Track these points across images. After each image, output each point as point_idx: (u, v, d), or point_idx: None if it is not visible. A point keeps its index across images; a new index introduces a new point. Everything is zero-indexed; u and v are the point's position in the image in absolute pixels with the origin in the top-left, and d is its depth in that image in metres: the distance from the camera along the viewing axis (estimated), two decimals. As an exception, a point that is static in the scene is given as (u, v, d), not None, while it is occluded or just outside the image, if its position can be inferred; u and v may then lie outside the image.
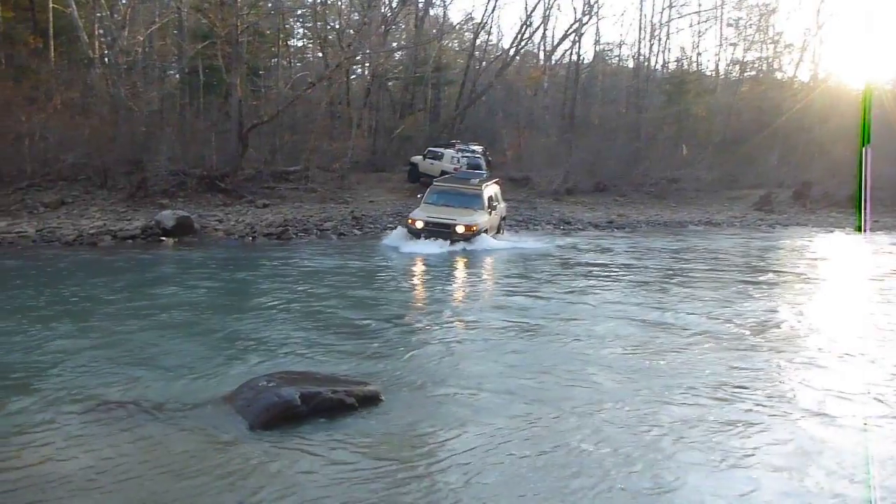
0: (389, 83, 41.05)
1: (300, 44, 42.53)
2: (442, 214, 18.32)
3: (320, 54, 37.64)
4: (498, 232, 20.47)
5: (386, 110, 39.84)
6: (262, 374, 7.13)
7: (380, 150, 35.78)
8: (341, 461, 5.50)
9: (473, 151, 30.99)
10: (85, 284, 12.64)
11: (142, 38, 28.38)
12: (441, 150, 31.32)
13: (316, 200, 26.86)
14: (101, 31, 28.22)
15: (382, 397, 6.91)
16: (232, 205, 24.29)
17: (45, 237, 17.93)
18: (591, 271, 16.24)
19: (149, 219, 20.14)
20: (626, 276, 15.78)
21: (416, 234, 18.35)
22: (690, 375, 8.02)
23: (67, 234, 18.26)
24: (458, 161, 30.19)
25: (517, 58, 43.91)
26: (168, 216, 20.00)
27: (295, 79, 32.90)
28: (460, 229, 17.87)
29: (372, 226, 23.46)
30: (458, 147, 31.01)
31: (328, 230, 22.03)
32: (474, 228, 18.09)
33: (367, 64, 35.76)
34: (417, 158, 32.00)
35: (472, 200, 19.03)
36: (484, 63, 42.07)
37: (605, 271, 16.33)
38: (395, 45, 39.83)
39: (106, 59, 27.69)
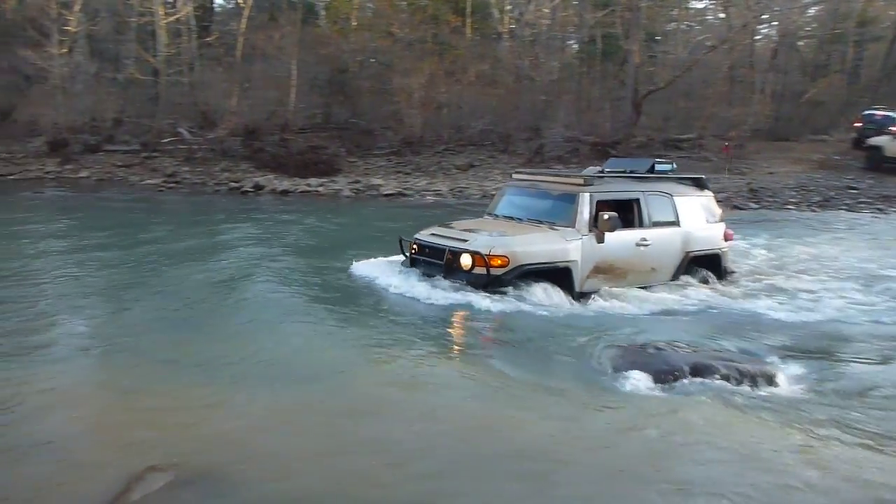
0: (800, 42, 37.02)
1: (701, 5, 40.61)
2: (465, 233, 8.62)
3: (723, 15, 35.43)
4: (674, 279, 9.43)
5: (794, 73, 36.00)
6: (652, 340, 6.88)
7: (784, 116, 32.56)
8: (736, 432, 5.05)
9: None
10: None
11: (547, 11, 29.62)
12: None
13: (709, 170, 25.40)
14: (510, 7, 30.21)
15: (779, 380, 6.20)
16: (622, 172, 24.27)
17: (456, 195, 20.02)
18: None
19: (544, 183, 21.17)
20: None
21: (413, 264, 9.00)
22: None
23: (473, 194, 20.19)
24: None
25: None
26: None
27: (694, 43, 31.49)
28: (465, 260, 8.09)
29: (771, 199, 21.53)
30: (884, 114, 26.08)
31: (720, 202, 20.76)
32: (499, 262, 7.99)
33: (776, 22, 32.66)
34: (882, 140, 25.34)
35: (558, 209, 8.86)
36: (925, 13, 35.54)
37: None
38: (810, -1, 35.67)
39: (513, 33, 29.59)
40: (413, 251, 8.64)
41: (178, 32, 27.13)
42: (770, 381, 6.28)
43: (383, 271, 8.79)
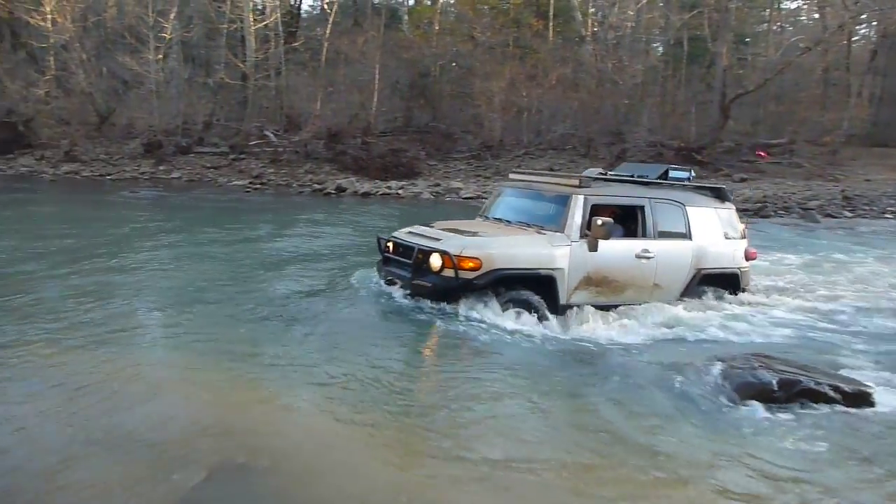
0: (902, 44, 35.16)
1: (794, 6, 39.11)
2: (443, 232, 7.51)
3: (817, 16, 34.04)
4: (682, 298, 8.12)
5: (894, 75, 34.24)
6: (736, 353, 6.56)
7: (883, 121, 30.96)
8: (821, 449, 4.76)
9: None
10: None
11: (632, 13, 29.13)
12: None
13: (800, 177, 24.58)
14: (594, 10, 29.83)
15: (875, 399, 5.79)
16: (707, 178, 23.63)
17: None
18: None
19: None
20: None
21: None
22: None
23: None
24: None
25: None
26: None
27: (786, 44, 30.33)
28: (435, 261, 6.97)
29: (867, 207, 20.56)
30: None
31: (812, 210, 19.96)
32: (470, 265, 6.89)
33: (875, 22, 31.13)
34: None
35: (549, 212, 7.77)
36: None
37: None
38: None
39: (596, 36, 29.21)
40: (387, 250, 7.66)
41: (267, 38, 27.93)
42: (866, 400, 5.93)
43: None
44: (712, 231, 8.36)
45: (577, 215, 7.35)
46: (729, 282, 8.45)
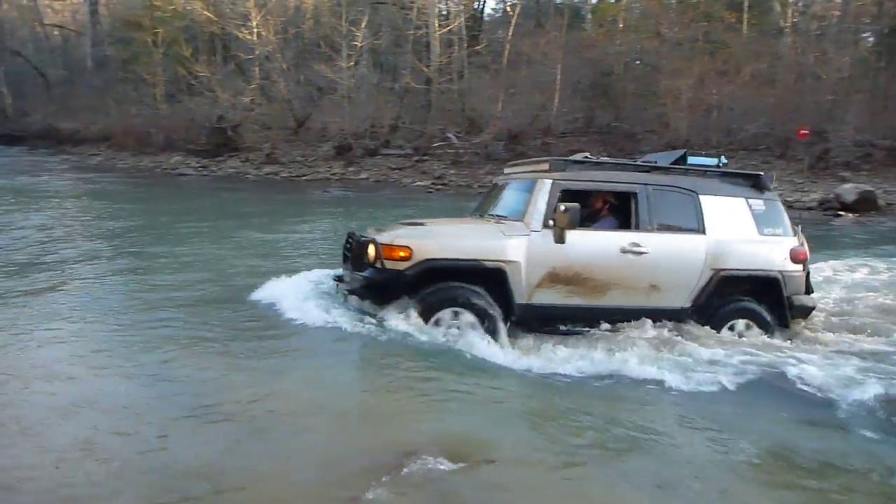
0: None
1: None
2: (398, 226, 6.86)
3: None
4: (697, 304, 6.64)
5: None
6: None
7: None
8: None
9: None
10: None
11: (839, 1, 26.78)
12: None
13: None
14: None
15: None
16: (924, 182, 21.21)
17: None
18: None
19: (827, 192, 19.46)
20: None
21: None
22: None
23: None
24: None
25: None
26: (849, 190, 19.02)
27: None
28: (370, 251, 6.17)
29: None
30: None
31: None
32: (400, 255, 6.01)
33: None
34: None
35: (516, 201, 6.84)
36: None
37: None
38: None
39: (796, 27, 27.15)
40: (347, 247, 6.88)
41: (450, 42, 28.61)
42: None
43: None
44: (739, 225, 6.87)
45: (540, 202, 6.38)
46: (766, 287, 6.90)
